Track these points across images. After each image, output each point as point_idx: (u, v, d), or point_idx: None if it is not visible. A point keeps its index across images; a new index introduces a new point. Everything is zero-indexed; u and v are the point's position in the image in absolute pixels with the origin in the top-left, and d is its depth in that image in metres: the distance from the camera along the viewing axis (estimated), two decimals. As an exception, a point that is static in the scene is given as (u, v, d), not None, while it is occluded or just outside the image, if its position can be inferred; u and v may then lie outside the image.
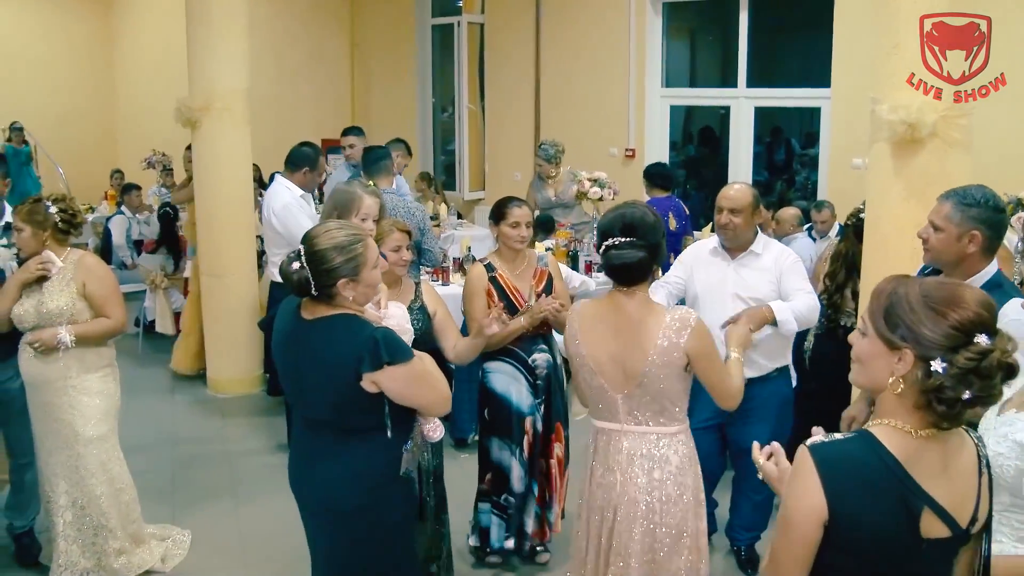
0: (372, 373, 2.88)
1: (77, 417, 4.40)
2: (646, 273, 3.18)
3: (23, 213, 4.31)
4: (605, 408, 3.27)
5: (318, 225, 3.13)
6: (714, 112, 10.74)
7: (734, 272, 4.37)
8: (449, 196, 11.31)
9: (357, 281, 2.96)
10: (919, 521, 2.00)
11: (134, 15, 15.35)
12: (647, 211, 3.23)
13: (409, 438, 3.14)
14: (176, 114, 7.25)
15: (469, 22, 11.69)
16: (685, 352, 3.10)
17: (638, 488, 3.18)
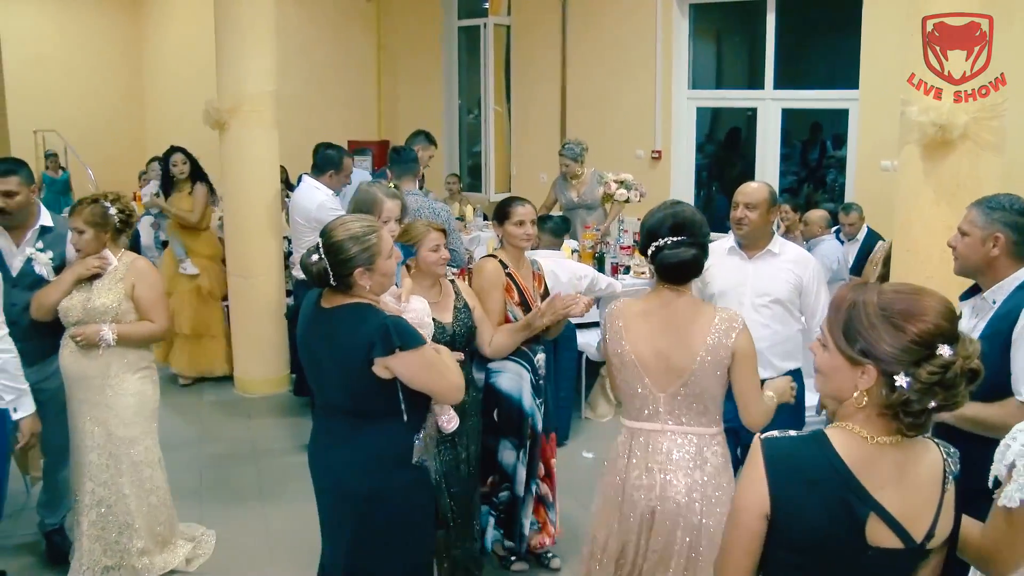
0: (384, 358, 3.03)
1: (112, 417, 4.43)
2: (699, 270, 3.23)
3: (86, 215, 4.32)
4: (645, 408, 3.25)
5: (335, 219, 3.26)
6: (740, 114, 10.69)
7: (752, 273, 4.36)
8: (475, 198, 11.33)
9: (372, 270, 3.11)
10: (864, 527, 1.98)
11: (163, 19, 15.47)
12: (694, 210, 3.27)
13: (422, 427, 3.25)
14: (204, 116, 7.29)
15: (495, 24, 11.69)
16: (732, 351, 3.12)
17: (678, 490, 3.16)
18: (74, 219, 4.35)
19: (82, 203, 4.40)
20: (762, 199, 4.31)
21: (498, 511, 4.55)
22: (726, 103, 10.73)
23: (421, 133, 7.55)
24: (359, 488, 3.21)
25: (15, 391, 3.98)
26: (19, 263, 4.50)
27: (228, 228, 7.54)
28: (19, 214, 4.48)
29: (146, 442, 4.55)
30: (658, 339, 3.19)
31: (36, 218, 4.59)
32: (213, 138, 7.54)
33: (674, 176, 10.03)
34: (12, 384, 3.96)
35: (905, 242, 4.66)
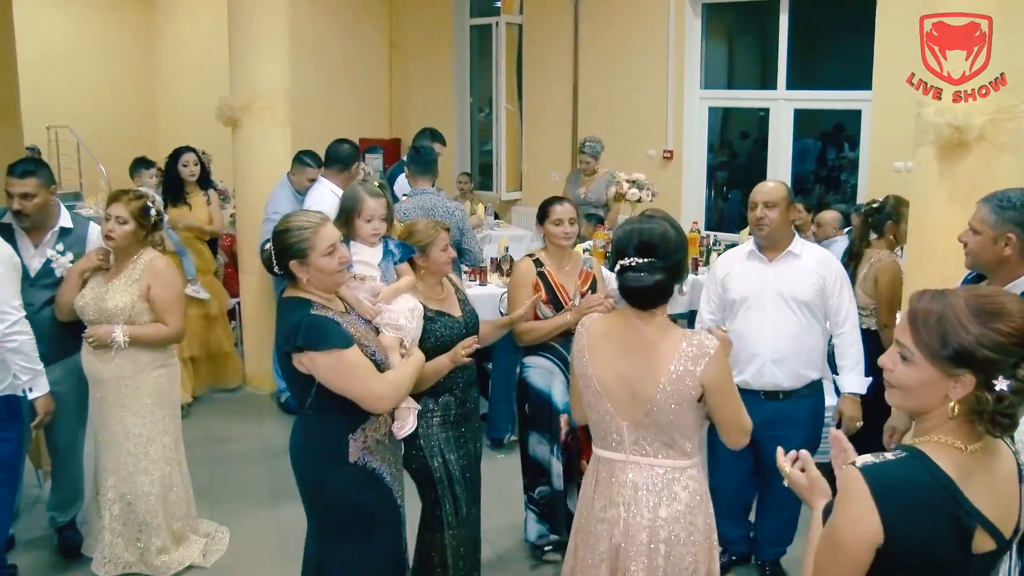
0: (295, 354, 3.15)
1: (129, 415, 4.45)
2: (664, 298, 2.92)
3: (132, 208, 4.33)
4: (609, 435, 3.00)
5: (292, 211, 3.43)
6: (752, 114, 10.67)
7: (773, 275, 4.27)
8: (486, 196, 11.31)
9: (306, 264, 3.21)
10: (972, 539, 1.94)
11: (176, 16, 15.50)
12: (667, 226, 2.94)
13: (359, 428, 3.27)
14: (218, 113, 7.31)
15: (507, 23, 11.68)
16: (700, 383, 2.84)
17: (642, 526, 2.91)
18: (119, 207, 4.34)
19: (127, 194, 4.41)
20: (780, 197, 4.24)
21: (539, 505, 4.59)
22: (739, 103, 10.70)
23: (427, 131, 7.54)
24: (303, 480, 3.39)
25: (31, 372, 4.06)
26: (38, 264, 4.50)
27: (240, 225, 7.56)
28: (38, 216, 4.49)
29: (164, 440, 4.57)
30: (620, 363, 2.93)
31: (56, 219, 4.59)
32: (226, 135, 7.56)
33: (686, 176, 10.01)
34: (28, 365, 4.04)
35: (919, 244, 4.63)
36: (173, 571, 4.63)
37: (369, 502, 3.35)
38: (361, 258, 3.71)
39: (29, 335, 4.01)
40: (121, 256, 4.42)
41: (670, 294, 2.93)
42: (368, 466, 3.31)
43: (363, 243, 3.75)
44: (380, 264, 3.76)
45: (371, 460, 3.32)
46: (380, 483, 3.37)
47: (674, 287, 2.93)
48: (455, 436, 3.96)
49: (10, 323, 3.92)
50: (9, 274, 3.96)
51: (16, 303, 3.97)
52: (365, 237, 3.75)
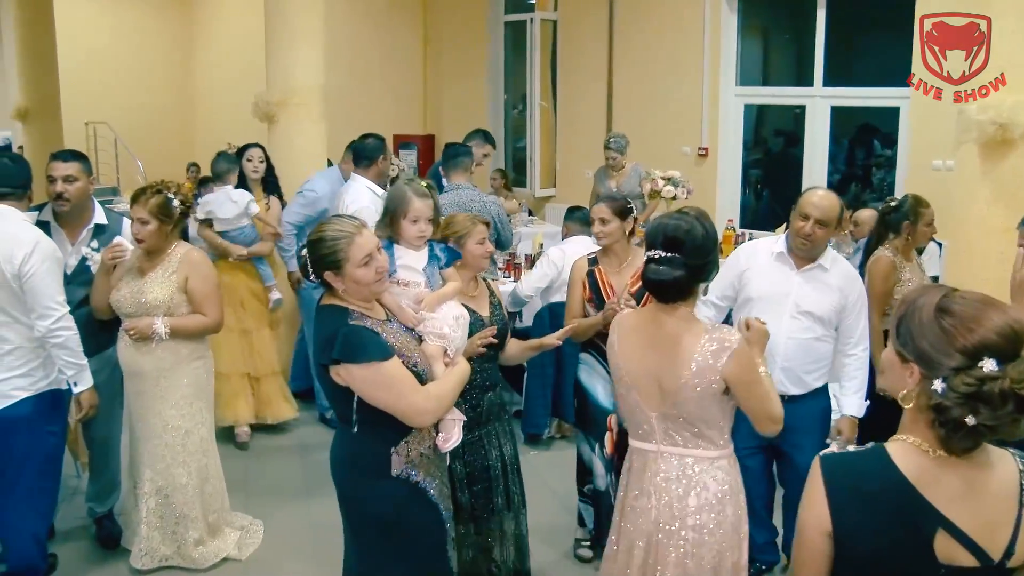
0: (333, 367, 3.01)
1: (167, 407, 4.49)
2: (683, 294, 2.97)
3: (151, 206, 4.33)
4: (640, 426, 3.09)
5: (329, 216, 3.29)
6: (788, 111, 10.59)
7: (798, 285, 4.13)
8: (520, 193, 11.32)
9: (341, 275, 3.07)
10: (932, 543, 1.90)
11: (213, 13, 15.64)
12: (696, 224, 2.98)
13: (403, 441, 3.13)
14: (254, 109, 7.35)
15: (542, 19, 11.67)
16: (722, 377, 2.90)
17: (672, 515, 2.98)
18: (138, 209, 4.37)
19: (146, 192, 4.41)
20: (834, 216, 4.07)
21: (590, 499, 4.61)
22: (775, 100, 10.63)
23: (479, 132, 7.56)
24: (343, 494, 3.27)
25: (76, 367, 4.08)
26: (74, 261, 4.55)
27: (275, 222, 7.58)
28: (76, 206, 4.51)
29: (201, 431, 4.61)
30: (647, 357, 3.02)
31: (91, 215, 4.64)
32: (261, 132, 7.60)
33: (721, 174, 9.96)
34: (73, 360, 4.06)
35: (960, 243, 4.59)
36: (209, 563, 4.67)
37: (414, 516, 3.21)
38: (405, 262, 3.58)
39: (74, 330, 4.02)
40: (155, 250, 4.45)
41: (691, 291, 2.99)
42: (411, 479, 3.17)
43: (408, 246, 3.62)
44: (425, 269, 3.63)
45: (415, 474, 3.17)
46: (424, 498, 3.23)
47: (697, 285, 3.00)
48: (466, 440, 3.90)
49: (55, 319, 3.94)
50: (54, 269, 3.97)
51: (60, 298, 3.98)
52: (410, 240, 3.61)
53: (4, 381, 3.98)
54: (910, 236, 5.12)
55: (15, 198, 4.08)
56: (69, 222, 4.57)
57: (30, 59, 12.23)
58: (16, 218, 4.03)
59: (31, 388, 4.01)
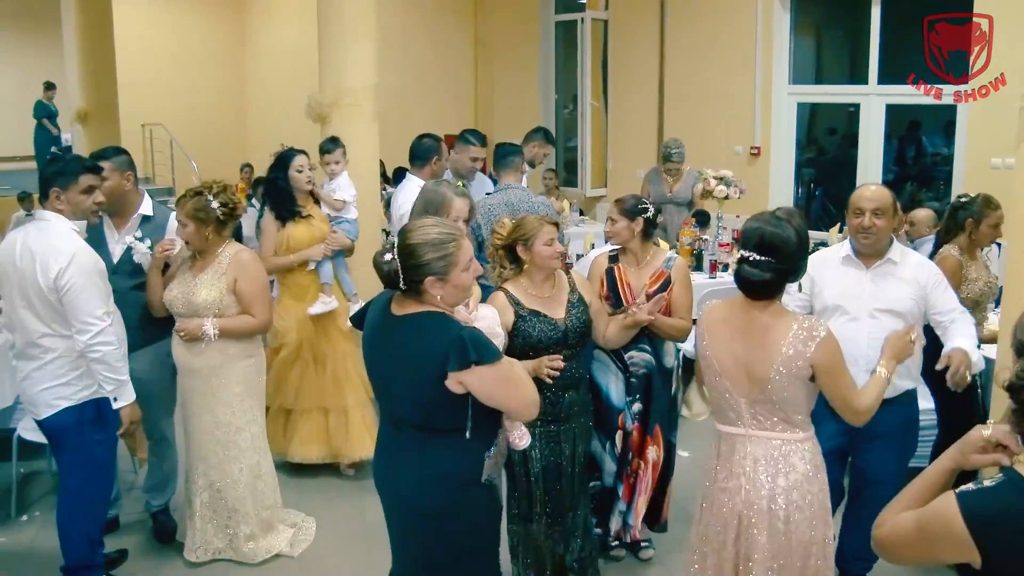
0: (459, 372, 2.84)
1: (219, 405, 4.55)
2: (771, 295, 3.12)
3: (187, 209, 4.39)
4: (729, 412, 3.23)
5: (415, 220, 3.11)
6: (842, 109, 10.47)
7: (871, 283, 4.01)
8: (571, 192, 11.31)
9: (446, 281, 2.93)
10: None
11: (266, 15, 15.81)
12: (792, 231, 3.07)
13: (492, 444, 3.09)
14: (307, 110, 7.40)
15: (593, 18, 11.66)
16: (810, 364, 3.03)
17: (762, 495, 3.12)
18: (178, 210, 4.46)
19: (186, 195, 4.47)
20: (889, 204, 3.97)
21: (592, 499, 4.58)
22: (828, 98, 10.51)
23: (540, 130, 7.55)
24: (427, 506, 3.06)
25: (115, 382, 4.03)
26: (119, 250, 4.62)
27: (329, 221, 7.65)
28: (109, 199, 4.46)
29: (252, 428, 4.66)
30: (736, 346, 3.16)
31: (138, 207, 4.71)
32: (314, 132, 7.66)
33: (773, 173, 9.87)
34: (112, 376, 4.01)
35: (1020, 244, 4.48)
36: (261, 558, 4.73)
37: (492, 520, 3.23)
38: None
39: (113, 345, 4.00)
40: (205, 251, 4.51)
41: (778, 292, 3.13)
42: (492, 483, 3.14)
43: None
44: None
45: (494, 477, 3.16)
46: (496, 500, 3.24)
47: (784, 285, 3.14)
48: (543, 432, 3.94)
49: (93, 334, 3.92)
50: (94, 283, 3.95)
51: (100, 312, 3.95)
52: None
53: (47, 390, 4.02)
54: (973, 234, 5.04)
55: (45, 204, 4.04)
56: (115, 213, 4.63)
57: (90, 64, 12.47)
58: (58, 228, 3.98)
59: (73, 398, 4.03)
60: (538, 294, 3.90)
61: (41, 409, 4.05)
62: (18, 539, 5.05)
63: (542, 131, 7.52)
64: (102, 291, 3.97)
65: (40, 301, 3.91)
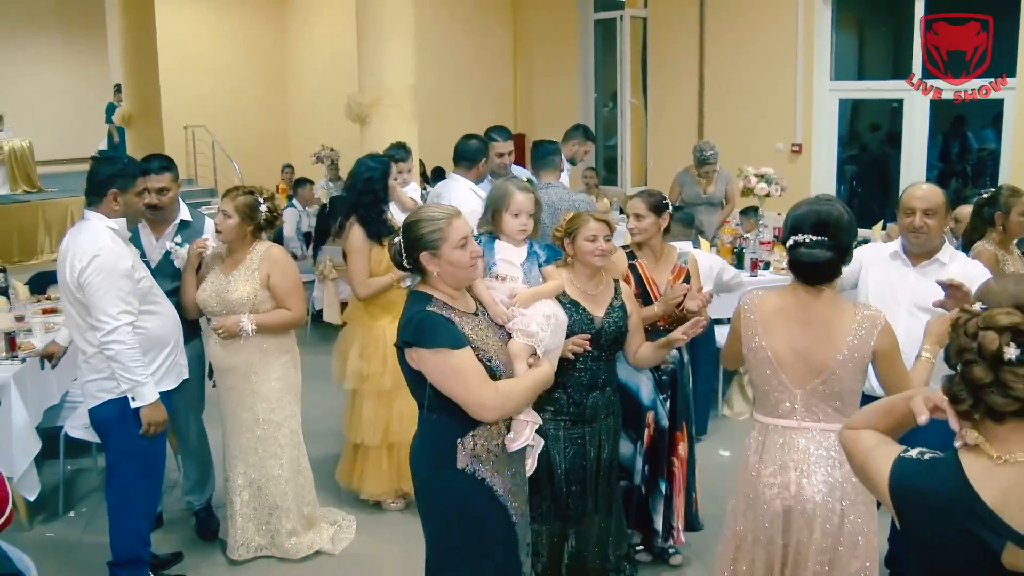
0: (406, 349, 3.03)
1: (258, 402, 4.59)
2: (834, 274, 3.12)
3: (238, 202, 4.46)
4: (780, 404, 3.19)
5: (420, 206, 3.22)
6: (884, 105, 10.35)
7: (914, 280, 4.03)
8: (611, 191, 11.28)
9: (438, 256, 3.05)
10: (1000, 557, 1.82)
11: (306, 17, 15.92)
12: (843, 209, 3.12)
13: (468, 433, 3.08)
14: (346, 110, 7.45)
15: (632, 16, 11.63)
16: (874, 351, 3.06)
17: (816, 488, 3.10)
18: (226, 202, 4.50)
19: (237, 189, 4.56)
20: (940, 204, 3.96)
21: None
22: (871, 94, 10.40)
23: (579, 128, 7.55)
24: (415, 479, 3.27)
25: (130, 381, 4.04)
26: (158, 255, 4.70)
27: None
28: (169, 209, 4.69)
29: (291, 424, 4.70)
30: (796, 337, 3.13)
31: (177, 213, 4.78)
32: (354, 133, 7.71)
33: (815, 170, 9.79)
34: (126, 375, 4.02)
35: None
36: (303, 554, 4.76)
37: (479, 513, 3.16)
38: (504, 256, 3.61)
39: (127, 345, 4.00)
40: (237, 249, 4.56)
41: (838, 272, 3.13)
42: (477, 476, 3.11)
43: (509, 240, 3.66)
44: (523, 265, 3.63)
45: (481, 470, 3.11)
46: (490, 495, 3.16)
47: (842, 266, 3.12)
48: (568, 435, 3.91)
49: (105, 331, 3.95)
50: (111, 283, 3.96)
51: (115, 312, 3.96)
52: (512, 233, 3.66)
53: (92, 382, 4.12)
54: (1003, 227, 4.97)
55: (95, 205, 4.08)
56: (156, 220, 4.71)
57: (134, 67, 12.66)
58: (92, 228, 4.04)
59: (114, 391, 4.08)
60: (582, 288, 3.89)
61: (88, 400, 4.16)
62: (66, 535, 5.12)
63: (581, 128, 7.50)
64: (122, 291, 3.98)
65: (72, 298, 4.01)
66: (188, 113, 14.83)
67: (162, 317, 4.21)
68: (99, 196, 4.06)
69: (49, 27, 17.32)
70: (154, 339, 4.16)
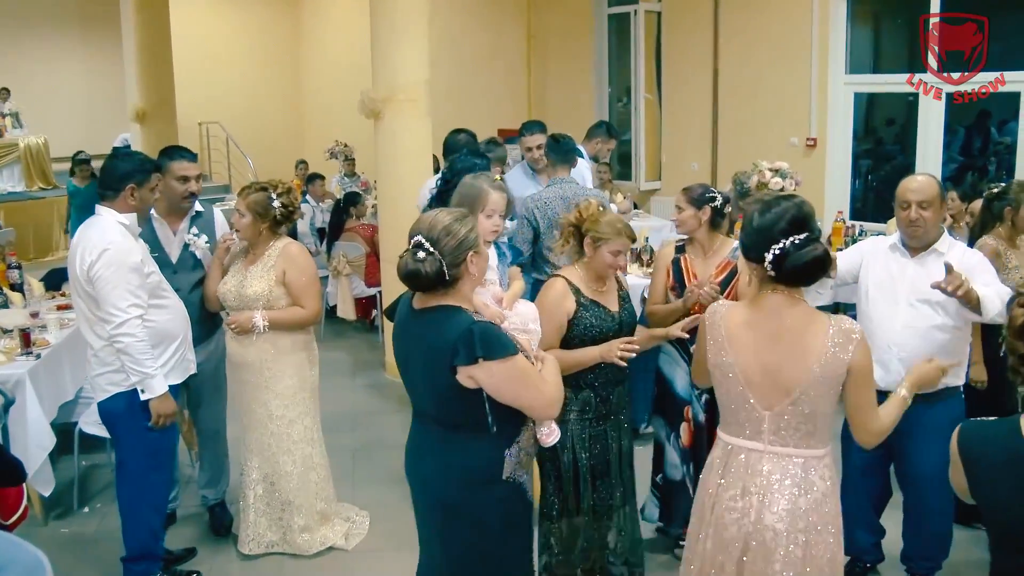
0: (467, 367, 2.84)
1: (272, 398, 4.60)
2: (828, 270, 2.89)
3: (249, 201, 4.49)
4: (746, 424, 2.98)
5: (425, 215, 3.04)
6: (900, 99, 10.28)
7: (913, 272, 4.01)
8: (625, 186, 11.25)
9: (479, 253, 2.95)
10: None
11: (320, 13, 15.93)
12: (804, 201, 2.91)
13: (514, 442, 3.05)
14: (360, 106, 7.44)
15: (646, 10, 11.57)
16: (848, 367, 2.83)
17: (779, 516, 2.89)
18: (239, 201, 4.54)
19: (250, 187, 4.58)
20: (934, 195, 3.95)
21: (659, 490, 4.57)
22: (886, 88, 10.33)
23: (603, 125, 7.52)
24: (446, 500, 3.09)
25: (139, 374, 4.07)
26: (178, 249, 4.72)
27: (383, 217, 7.70)
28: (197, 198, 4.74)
29: (305, 421, 4.71)
30: (765, 352, 2.91)
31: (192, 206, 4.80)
32: (368, 128, 7.70)
33: (829, 164, 9.74)
34: (136, 367, 4.06)
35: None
36: (315, 550, 4.78)
37: (517, 519, 3.16)
38: None
39: (137, 338, 4.03)
40: (256, 245, 4.58)
41: (829, 269, 2.91)
42: (517, 481, 3.09)
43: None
44: (497, 267, 3.62)
45: (519, 475, 3.10)
46: (524, 498, 3.17)
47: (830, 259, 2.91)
48: (592, 434, 3.93)
49: (116, 324, 3.99)
50: (120, 276, 3.99)
51: (124, 305, 3.99)
52: (484, 234, 3.56)
53: (100, 376, 4.17)
54: (1013, 222, 4.96)
55: (108, 200, 4.11)
56: (173, 214, 4.72)
57: (148, 63, 12.67)
58: (103, 223, 4.08)
59: (123, 384, 4.12)
60: (595, 288, 3.88)
61: (98, 393, 4.22)
62: (80, 531, 5.16)
63: (605, 125, 7.49)
64: (132, 285, 4.02)
65: (83, 292, 4.05)
66: (202, 109, 14.85)
67: (171, 311, 4.25)
68: (116, 191, 4.11)
69: (64, 25, 17.36)
70: (163, 333, 4.19)
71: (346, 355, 8.43)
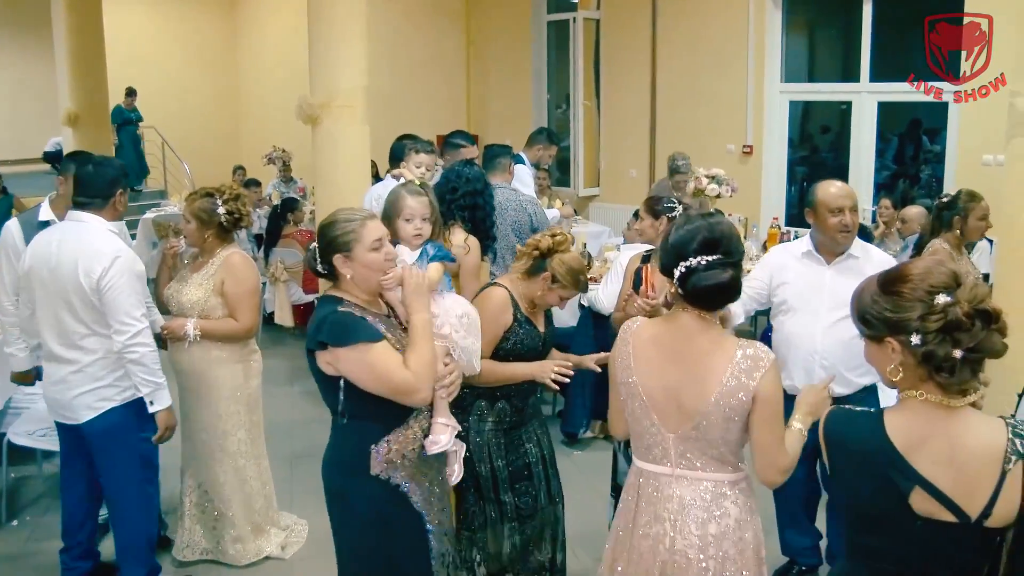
0: (320, 352, 2.97)
1: (204, 408, 4.53)
2: (737, 294, 2.73)
3: (194, 208, 4.42)
4: (653, 448, 2.82)
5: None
6: (834, 107, 10.46)
7: (831, 279, 3.99)
8: (564, 193, 11.30)
9: (351, 258, 3.02)
10: (907, 499, 2.12)
11: (256, 17, 15.81)
12: (729, 223, 2.78)
13: (383, 439, 3.05)
14: (297, 111, 7.36)
15: (585, 18, 11.65)
16: (754, 394, 2.64)
17: (691, 543, 2.74)
18: (184, 207, 4.49)
19: (196, 194, 4.51)
20: (856, 199, 4.01)
21: (615, 495, 4.58)
22: (820, 97, 10.51)
23: (544, 131, 7.55)
24: (328, 486, 3.20)
25: (152, 384, 4.00)
26: None
27: (320, 222, 7.63)
28: None
29: (239, 434, 4.62)
30: (668, 373, 2.74)
31: None
32: (306, 134, 7.63)
33: (765, 171, 9.87)
34: (149, 378, 3.99)
35: (1010, 239, 4.50)
36: (248, 561, 4.71)
37: (390, 519, 3.11)
38: (402, 259, 3.51)
39: (151, 347, 3.98)
40: (203, 252, 4.51)
41: (740, 292, 2.75)
42: (391, 482, 3.07)
43: (406, 245, 3.57)
44: (415, 265, 3.58)
45: (395, 476, 3.08)
46: (406, 503, 3.12)
47: (741, 285, 2.75)
48: (507, 442, 3.89)
49: (130, 334, 3.91)
50: (132, 284, 3.94)
51: (137, 313, 3.93)
52: (407, 238, 3.54)
53: (88, 393, 4.01)
54: (961, 230, 5.07)
55: (95, 208, 4.03)
56: None
57: (80, 66, 12.41)
58: (98, 229, 4.00)
59: (118, 398, 4.03)
60: (528, 307, 3.87)
61: (81, 413, 4.03)
62: (9, 544, 5.02)
63: (546, 132, 7.52)
64: (140, 293, 3.98)
65: (81, 302, 3.91)
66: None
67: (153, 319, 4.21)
68: (106, 198, 4.05)
69: (-5, 26, 17.05)
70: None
71: (284, 362, 8.34)
